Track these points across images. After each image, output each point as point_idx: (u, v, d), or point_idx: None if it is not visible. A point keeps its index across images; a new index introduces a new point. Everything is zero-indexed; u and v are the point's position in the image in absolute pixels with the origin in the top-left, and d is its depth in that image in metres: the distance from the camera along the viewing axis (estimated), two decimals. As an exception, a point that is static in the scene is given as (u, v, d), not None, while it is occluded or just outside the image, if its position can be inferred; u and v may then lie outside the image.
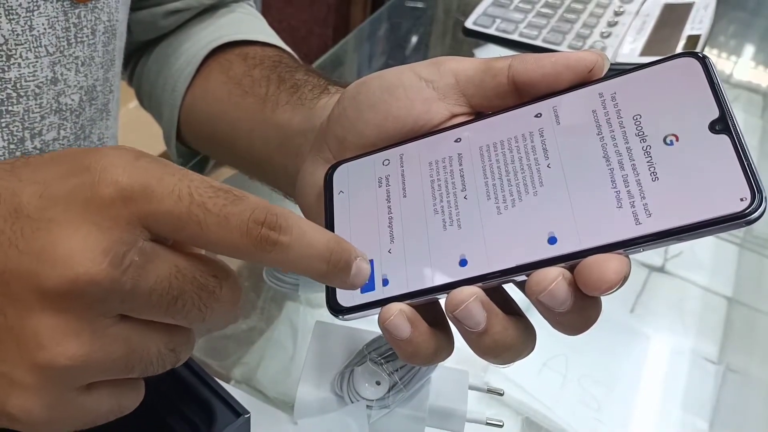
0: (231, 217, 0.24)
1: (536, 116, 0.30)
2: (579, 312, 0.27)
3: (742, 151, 0.25)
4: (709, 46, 0.94)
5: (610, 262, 0.26)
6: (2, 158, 0.40)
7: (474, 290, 0.28)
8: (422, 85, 0.33)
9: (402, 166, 0.32)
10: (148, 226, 0.24)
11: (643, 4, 0.91)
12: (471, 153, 0.31)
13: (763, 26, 1.06)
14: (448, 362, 0.44)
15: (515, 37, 0.85)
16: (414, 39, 0.98)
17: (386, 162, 0.33)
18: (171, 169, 0.24)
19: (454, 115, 0.33)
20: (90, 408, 0.26)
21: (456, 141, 0.32)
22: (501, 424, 0.43)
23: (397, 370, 0.40)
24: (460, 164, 0.31)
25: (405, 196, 0.31)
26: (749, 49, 1.00)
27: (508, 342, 0.28)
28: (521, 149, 0.30)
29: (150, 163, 0.24)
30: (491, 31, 0.87)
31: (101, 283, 0.23)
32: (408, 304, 0.29)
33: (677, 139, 0.27)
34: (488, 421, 0.43)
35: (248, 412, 0.35)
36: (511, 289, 0.30)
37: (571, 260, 0.26)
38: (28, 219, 0.24)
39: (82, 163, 0.24)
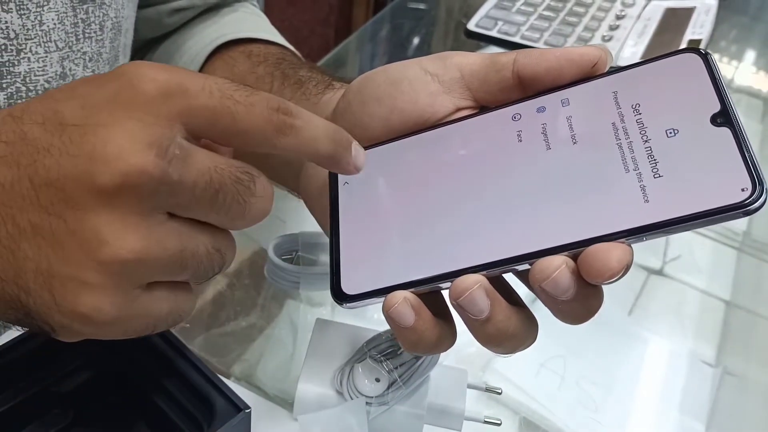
0: (256, 105, 0.26)
1: (542, 109, 0.31)
2: (581, 301, 0.27)
3: (743, 143, 0.26)
4: (710, 50, 0.94)
5: (613, 251, 0.26)
6: None
7: (478, 278, 0.28)
8: (428, 78, 0.33)
9: (407, 158, 0.33)
10: (186, 122, 0.25)
11: (644, 8, 0.91)
12: (476, 145, 0.31)
13: (764, 31, 1.06)
14: (448, 361, 0.45)
15: (517, 39, 0.86)
16: (416, 40, 0.98)
17: (392, 154, 0.33)
18: (195, 72, 0.26)
19: (459, 109, 0.33)
20: (152, 308, 0.27)
21: (461, 134, 0.32)
22: (499, 422, 0.44)
23: (396, 368, 0.41)
24: (466, 156, 0.31)
25: (410, 187, 0.32)
26: (750, 54, 1.01)
27: (510, 331, 0.29)
28: (526, 142, 0.30)
29: (178, 67, 0.26)
30: (493, 33, 0.87)
31: (151, 173, 0.24)
32: (412, 292, 0.29)
33: (679, 132, 0.27)
34: (486, 420, 0.43)
35: (249, 407, 0.35)
36: (515, 284, 0.31)
37: (574, 249, 0.27)
38: (75, 127, 0.25)
39: (117, 71, 0.26)
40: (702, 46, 0.82)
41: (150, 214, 0.25)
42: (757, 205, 0.25)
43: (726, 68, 0.95)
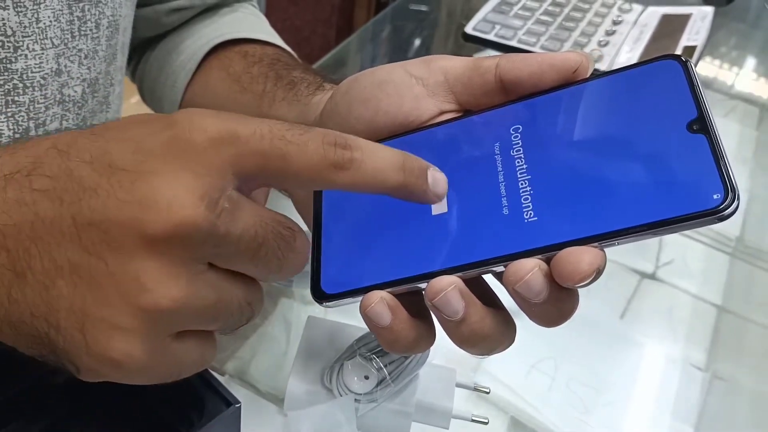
0: (309, 143, 0.26)
1: (522, 113, 0.31)
2: (554, 304, 0.28)
3: (717, 150, 0.26)
4: (707, 56, 0.95)
5: (585, 255, 0.26)
6: None
7: (453, 280, 0.28)
8: (412, 82, 0.33)
9: None
10: (237, 170, 0.25)
11: (641, 14, 0.92)
12: (457, 148, 0.32)
13: (760, 38, 1.07)
14: (437, 360, 0.45)
15: (514, 43, 0.86)
16: (416, 42, 0.99)
17: None
18: (248, 117, 0.26)
19: (443, 112, 0.33)
20: (181, 356, 0.27)
21: (442, 137, 0.32)
22: (486, 421, 0.44)
23: (385, 366, 0.41)
24: (446, 159, 0.32)
25: None
26: (745, 61, 1.01)
27: (485, 332, 0.29)
28: (505, 145, 0.31)
29: (230, 114, 0.26)
30: (490, 36, 0.87)
31: (201, 227, 0.24)
32: (389, 292, 0.29)
33: (656, 137, 0.27)
34: (474, 418, 0.44)
35: (239, 402, 0.36)
36: (501, 291, 0.31)
37: (547, 252, 0.27)
38: (125, 172, 0.25)
39: (170, 120, 0.26)
40: (697, 52, 0.82)
41: (193, 264, 0.25)
42: (729, 211, 0.25)
43: (722, 75, 0.95)
